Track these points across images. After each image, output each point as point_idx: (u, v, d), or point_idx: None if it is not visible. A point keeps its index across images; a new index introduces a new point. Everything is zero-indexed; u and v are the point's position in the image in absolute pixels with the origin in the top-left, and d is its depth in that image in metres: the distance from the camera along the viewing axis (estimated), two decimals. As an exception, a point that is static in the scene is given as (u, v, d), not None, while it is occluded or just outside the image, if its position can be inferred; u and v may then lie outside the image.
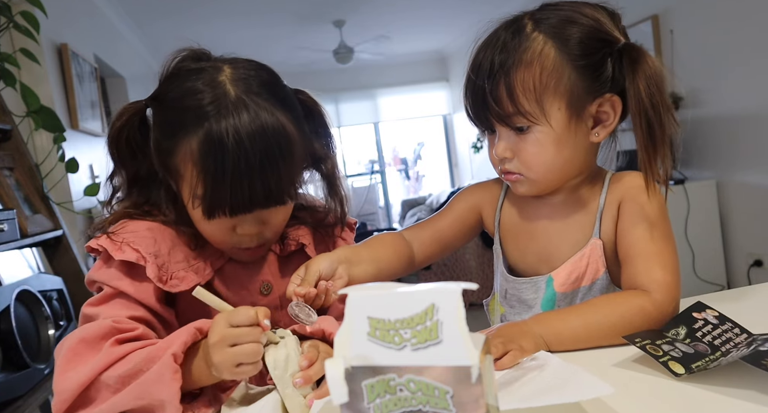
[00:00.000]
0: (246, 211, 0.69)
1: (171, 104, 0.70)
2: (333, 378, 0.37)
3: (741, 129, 2.80)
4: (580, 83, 0.71)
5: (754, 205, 2.82)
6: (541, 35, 0.72)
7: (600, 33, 0.72)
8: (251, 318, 0.59)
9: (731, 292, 0.86)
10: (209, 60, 0.74)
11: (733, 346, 0.59)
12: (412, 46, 6.11)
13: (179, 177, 0.71)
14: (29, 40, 1.92)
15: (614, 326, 0.66)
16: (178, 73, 0.72)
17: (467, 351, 0.35)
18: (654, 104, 0.69)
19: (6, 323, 1.40)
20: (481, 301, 0.99)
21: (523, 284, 0.83)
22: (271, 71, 0.75)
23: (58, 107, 2.53)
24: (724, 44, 2.80)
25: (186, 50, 0.75)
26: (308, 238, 0.83)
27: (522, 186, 0.78)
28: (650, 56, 0.71)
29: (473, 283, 0.36)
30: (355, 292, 0.38)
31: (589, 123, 0.74)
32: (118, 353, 0.62)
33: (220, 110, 0.65)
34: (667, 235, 0.74)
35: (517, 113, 0.71)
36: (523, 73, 0.71)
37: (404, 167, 7.71)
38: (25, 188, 1.92)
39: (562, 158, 0.74)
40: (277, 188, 0.69)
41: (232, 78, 0.69)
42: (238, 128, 0.65)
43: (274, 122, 0.67)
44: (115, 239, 0.71)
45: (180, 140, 0.67)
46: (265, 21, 4.57)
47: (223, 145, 0.64)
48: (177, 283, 0.71)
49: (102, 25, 3.66)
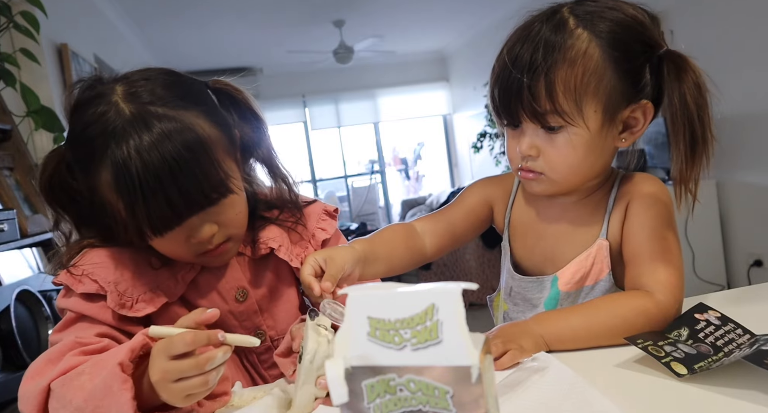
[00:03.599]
0: (174, 224, 0.66)
1: (77, 140, 0.68)
2: (333, 378, 0.37)
3: (741, 129, 2.80)
4: (619, 87, 0.69)
5: (754, 205, 2.82)
6: (586, 33, 0.69)
7: (644, 36, 0.70)
8: (189, 343, 0.54)
9: (731, 292, 0.86)
10: (103, 83, 0.71)
11: (736, 347, 0.59)
12: (412, 46, 6.11)
13: (111, 207, 0.68)
14: (29, 40, 1.92)
15: (616, 326, 0.66)
16: (78, 106, 0.69)
17: (467, 351, 0.35)
18: (701, 114, 0.67)
19: (6, 323, 1.40)
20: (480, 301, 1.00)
21: (529, 283, 0.83)
22: (168, 72, 0.72)
23: (58, 107, 2.53)
24: (724, 44, 2.80)
25: (81, 80, 0.73)
26: (279, 239, 0.80)
27: (539, 186, 0.76)
28: (694, 63, 0.69)
29: (473, 283, 0.36)
30: (355, 292, 0.38)
31: (619, 127, 0.73)
32: (75, 361, 0.60)
33: (117, 132, 0.63)
34: (673, 238, 0.73)
35: (553, 111, 0.69)
36: (566, 72, 0.68)
37: (404, 167, 7.72)
38: (25, 188, 1.92)
39: (588, 162, 0.73)
40: (198, 189, 0.66)
41: (124, 95, 0.66)
42: (138, 145, 0.63)
43: (175, 126, 0.65)
44: (74, 272, 0.70)
45: (95, 173, 0.66)
46: (264, 21, 4.57)
47: (127, 166, 0.62)
48: (143, 306, 0.70)
49: (102, 25, 3.66)
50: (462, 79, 6.40)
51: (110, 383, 0.55)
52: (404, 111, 6.88)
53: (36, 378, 0.62)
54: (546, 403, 0.51)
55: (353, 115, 6.74)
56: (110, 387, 0.55)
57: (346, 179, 6.93)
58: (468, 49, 6.04)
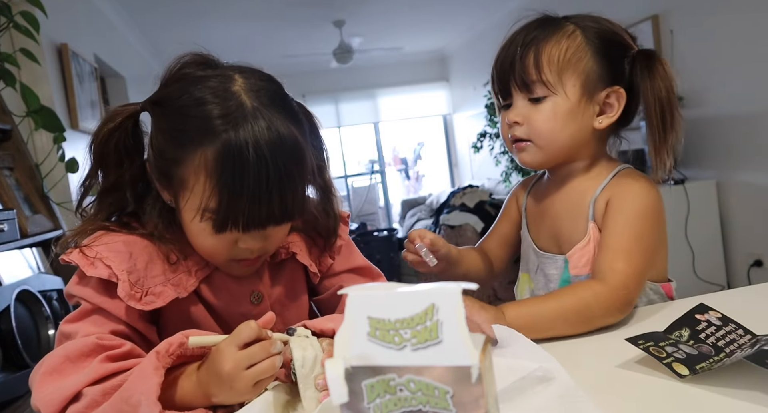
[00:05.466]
0: (260, 227, 0.67)
1: (180, 111, 0.66)
2: (333, 378, 0.37)
3: (741, 129, 2.80)
4: (597, 69, 0.82)
5: (754, 205, 2.82)
6: (572, 25, 0.83)
7: (621, 38, 0.84)
8: (255, 329, 0.57)
9: (731, 292, 0.86)
10: (217, 67, 0.70)
11: (737, 347, 0.59)
12: (412, 46, 6.11)
13: (183, 188, 0.67)
14: (29, 40, 1.92)
15: (568, 310, 0.71)
16: (185, 78, 0.68)
17: (467, 351, 0.35)
18: (670, 98, 0.80)
19: (6, 323, 1.40)
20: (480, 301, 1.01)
21: (547, 260, 0.90)
22: (278, 84, 0.72)
23: (58, 107, 2.53)
24: (724, 44, 2.79)
25: (190, 54, 0.71)
26: (299, 245, 0.81)
27: (528, 155, 0.85)
28: (664, 59, 0.82)
29: (473, 283, 0.36)
30: (355, 292, 0.38)
31: (596, 109, 0.83)
32: (108, 369, 0.60)
33: (239, 121, 0.63)
34: (641, 235, 0.78)
35: (539, 80, 0.81)
36: (552, 47, 0.81)
37: (404, 167, 7.72)
38: (25, 188, 1.92)
39: (567, 131, 0.82)
40: (293, 203, 0.67)
41: (246, 88, 0.66)
42: (258, 140, 0.62)
43: (290, 134, 0.65)
44: (87, 253, 0.67)
45: (191, 149, 0.64)
46: (265, 21, 4.57)
47: (243, 158, 0.62)
48: (152, 299, 0.68)
49: (102, 25, 3.66)
50: (462, 79, 6.40)
51: (144, 366, 0.56)
52: (404, 111, 6.87)
53: (54, 375, 0.60)
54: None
55: (353, 115, 6.73)
56: (142, 371, 0.56)
57: (346, 179, 6.93)
58: (468, 49, 6.04)
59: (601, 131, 0.85)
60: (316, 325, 0.65)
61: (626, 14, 3.34)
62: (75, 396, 0.58)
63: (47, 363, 0.62)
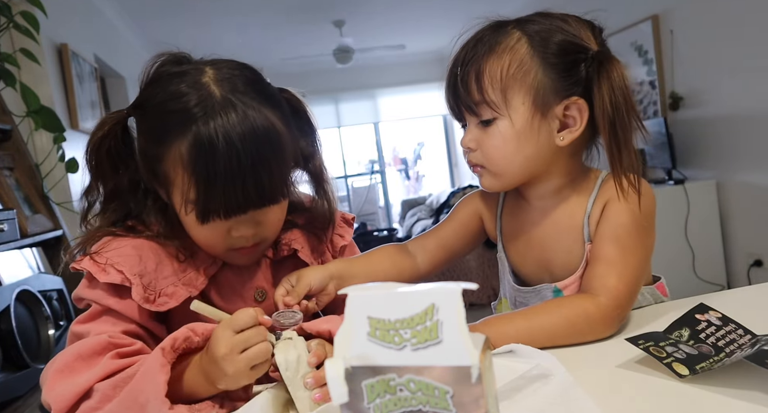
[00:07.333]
0: (240, 212, 0.68)
1: (155, 109, 0.68)
2: (333, 378, 0.37)
3: (741, 129, 2.80)
4: (548, 82, 0.73)
5: (754, 205, 2.82)
6: (518, 33, 0.74)
7: (576, 38, 0.74)
8: (253, 317, 0.58)
9: (731, 292, 0.86)
10: (190, 63, 0.72)
11: (737, 347, 0.59)
12: (412, 46, 6.11)
13: (169, 184, 0.69)
14: (29, 40, 1.92)
15: (557, 327, 0.67)
16: (159, 78, 0.70)
17: (467, 351, 0.35)
18: (617, 105, 0.71)
19: (6, 323, 1.40)
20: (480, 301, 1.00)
21: (528, 294, 0.83)
22: (253, 70, 0.73)
23: (58, 107, 2.53)
24: (724, 44, 2.79)
25: (165, 54, 0.73)
26: (301, 241, 0.82)
27: (485, 180, 0.79)
28: (619, 62, 0.73)
29: (473, 283, 0.36)
30: (355, 292, 0.38)
31: (555, 125, 0.74)
32: (119, 364, 0.61)
33: (207, 111, 0.64)
34: (635, 246, 0.72)
35: (482, 101, 0.73)
36: (493, 63, 0.73)
37: (404, 167, 7.72)
38: (25, 188, 1.92)
39: (522, 155, 0.75)
40: (270, 187, 0.68)
41: (215, 78, 0.67)
42: (228, 128, 0.64)
43: (263, 120, 0.66)
44: (98, 260, 0.68)
45: (167, 145, 0.66)
46: (264, 21, 4.57)
47: (213, 147, 0.63)
48: (166, 300, 0.70)
49: (102, 25, 3.66)
50: (462, 80, 6.39)
51: (151, 364, 0.57)
52: (404, 111, 6.87)
53: (66, 372, 0.61)
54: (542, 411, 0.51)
55: (353, 115, 6.73)
56: (149, 369, 0.57)
57: (346, 178, 6.93)
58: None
59: (571, 145, 0.76)
60: (313, 327, 0.66)
61: (626, 14, 3.34)
62: (86, 393, 0.59)
63: (59, 360, 0.63)
